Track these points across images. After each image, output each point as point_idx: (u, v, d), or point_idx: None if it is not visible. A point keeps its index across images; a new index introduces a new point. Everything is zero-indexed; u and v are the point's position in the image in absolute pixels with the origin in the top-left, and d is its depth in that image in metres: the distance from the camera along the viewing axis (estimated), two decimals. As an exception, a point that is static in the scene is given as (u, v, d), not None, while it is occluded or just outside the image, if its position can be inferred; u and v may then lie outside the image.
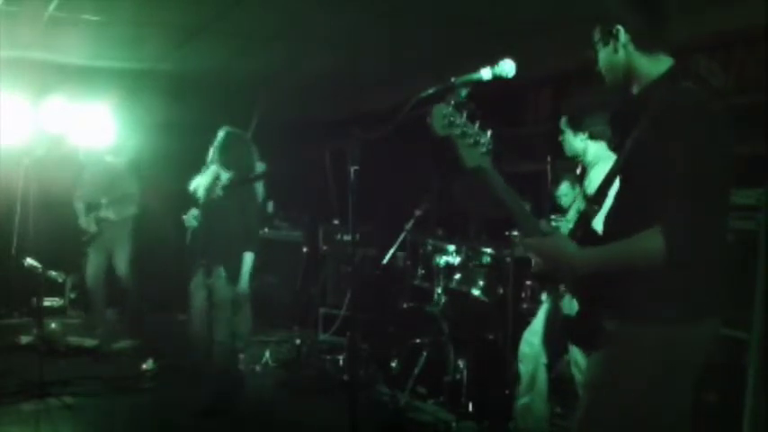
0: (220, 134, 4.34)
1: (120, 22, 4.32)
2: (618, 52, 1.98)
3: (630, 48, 1.96)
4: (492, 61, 2.08)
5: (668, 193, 1.77)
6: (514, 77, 2.08)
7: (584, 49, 2.11)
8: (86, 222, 6.14)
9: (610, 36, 1.98)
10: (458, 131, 1.95)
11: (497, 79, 2.07)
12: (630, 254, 1.83)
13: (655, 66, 1.96)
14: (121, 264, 6.25)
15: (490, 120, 2.02)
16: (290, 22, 4.33)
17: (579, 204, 3.39)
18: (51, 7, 4.01)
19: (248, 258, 4.17)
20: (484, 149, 1.96)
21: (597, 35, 2.04)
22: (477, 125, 1.97)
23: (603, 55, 2.02)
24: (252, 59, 5.30)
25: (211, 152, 4.38)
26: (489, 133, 1.97)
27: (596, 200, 2.01)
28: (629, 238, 1.82)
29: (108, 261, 6.25)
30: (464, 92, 2.07)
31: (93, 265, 6.19)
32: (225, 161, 4.27)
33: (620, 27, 1.96)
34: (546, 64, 4.84)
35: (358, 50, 5.01)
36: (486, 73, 2.07)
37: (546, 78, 5.28)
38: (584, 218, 2.02)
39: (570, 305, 3.35)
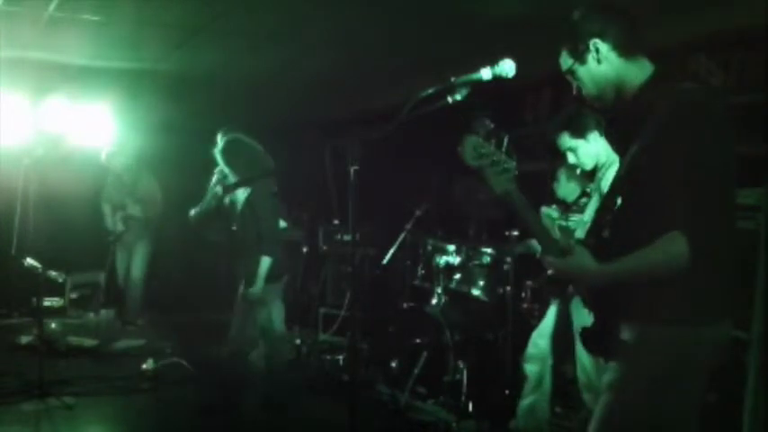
0: (221, 141, 4.33)
1: (120, 22, 4.31)
2: (601, 64, 1.96)
3: (613, 57, 1.95)
4: (492, 61, 2.08)
5: (682, 196, 1.75)
6: (514, 77, 2.08)
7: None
8: (112, 223, 6.28)
9: (587, 52, 1.96)
10: (488, 161, 2.00)
11: (497, 79, 2.08)
12: (654, 262, 1.80)
13: (640, 71, 1.95)
14: (136, 263, 6.37)
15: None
16: (290, 22, 4.33)
17: (594, 207, 3.34)
18: (51, 7, 4.00)
19: (264, 262, 4.15)
20: (510, 175, 2.02)
21: (569, 58, 2.02)
22: (504, 151, 2.02)
23: (585, 72, 2.00)
24: (252, 59, 5.30)
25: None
26: (515, 157, 2.02)
27: (607, 205, 2.00)
28: (648, 247, 1.79)
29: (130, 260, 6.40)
30: (464, 92, 2.07)
31: (123, 265, 6.37)
32: (232, 169, 4.28)
33: (596, 40, 1.94)
34: (546, 64, 4.84)
35: (358, 50, 5.01)
36: (486, 73, 2.07)
37: (546, 78, 5.28)
38: (597, 226, 2.02)
39: (579, 308, 3.35)
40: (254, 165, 4.27)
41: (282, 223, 4.61)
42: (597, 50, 1.95)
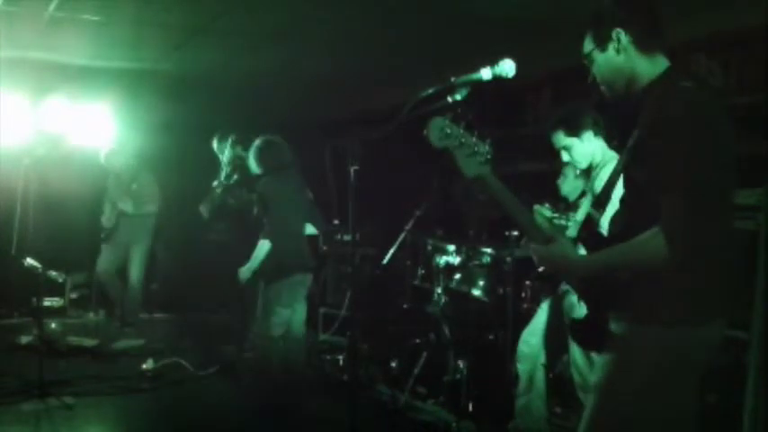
0: (257, 142, 4.36)
1: (120, 22, 4.32)
2: (619, 55, 1.96)
3: (631, 50, 1.95)
4: (492, 61, 2.08)
5: (667, 193, 1.77)
6: (514, 77, 2.08)
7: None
8: (107, 220, 6.26)
9: (608, 40, 1.96)
10: (455, 143, 1.95)
11: (497, 79, 2.07)
12: (632, 256, 1.83)
13: (653, 67, 1.96)
14: (135, 262, 6.34)
15: (490, 120, 2.02)
16: (290, 22, 4.33)
17: (587, 206, 3.35)
18: (51, 7, 4.01)
19: (261, 245, 4.17)
20: (482, 158, 1.96)
21: (591, 43, 2.02)
22: (475, 135, 1.97)
23: (603, 60, 2.00)
24: (252, 59, 5.30)
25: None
26: (488, 142, 1.97)
27: (600, 202, 2.00)
28: (630, 241, 1.81)
29: (123, 258, 6.34)
30: (464, 92, 2.07)
31: (105, 261, 6.33)
32: (262, 169, 4.33)
33: (619, 30, 1.95)
34: (546, 64, 4.85)
35: (358, 51, 5.01)
36: (486, 73, 2.07)
37: (546, 78, 5.28)
38: (590, 220, 2.02)
39: (571, 306, 3.35)
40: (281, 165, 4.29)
41: (311, 229, 4.59)
42: (618, 40, 1.95)
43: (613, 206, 2.08)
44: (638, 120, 1.91)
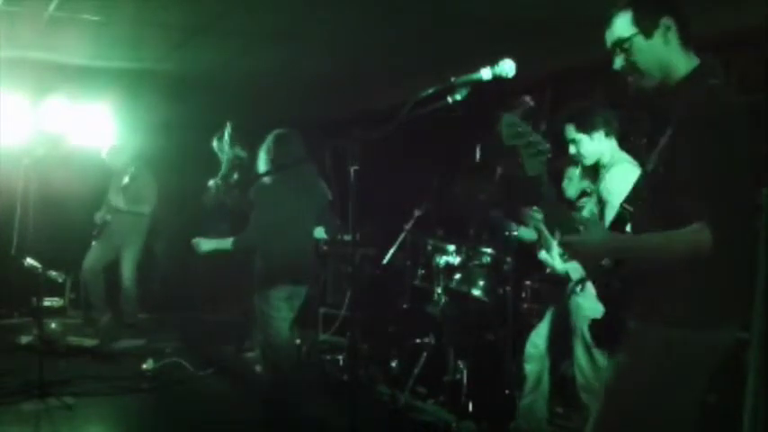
0: (269, 137, 4.16)
1: (120, 22, 4.32)
2: (665, 45, 1.90)
3: (675, 41, 1.90)
4: (492, 61, 2.08)
5: (709, 194, 1.74)
6: (514, 77, 2.07)
7: (584, 49, 2.09)
8: (99, 217, 6.23)
9: (655, 27, 1.89)
10: (524, 141, 1.98)
11: (497, 79, 2.07)
12: (675, 245, 1.78)
13: (688, 63, 1.91)
14: (127, 263, 6.30)
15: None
16: (290, 22, 4.33)
17: (592, 207, 3.34)
18: (51, 7, 4.01)
19: (226, 240, 4.05)
20: (544, 158, 2.00)
21: (632, 27, 1.90)
22: (540, 133, 2.00)
23: (645, 47, 1.90)
24: (252, 59, 5.30)
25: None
26: (548, 143, 2.00)
27: (631, 201, 1.99)
28: (673, 231, 1.77)
29: (112, 256, 6.30)
30: (464, 92, 2.07)
31: (93, 258, 6.25)
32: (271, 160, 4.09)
33: (669, 18, 1.89)
34: (546, 64, 4.85)
35: (358, 51, 5.01)
36: (486, 73, 2.07)
37: (546, 78, 5.28)
38: (620, 220, 2.01)
39: (577, 307, 3.34)
40: (291, 162, 4.12)
41: (321, 233, 4.49)
42: (668, 29, 1.89)
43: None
44: (671, 118, 1.88)
